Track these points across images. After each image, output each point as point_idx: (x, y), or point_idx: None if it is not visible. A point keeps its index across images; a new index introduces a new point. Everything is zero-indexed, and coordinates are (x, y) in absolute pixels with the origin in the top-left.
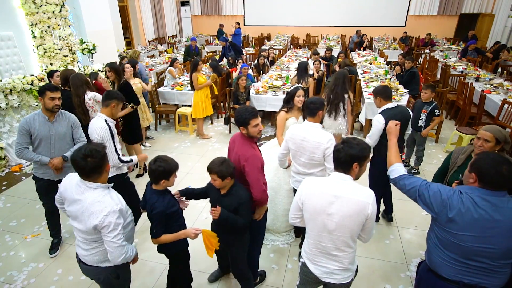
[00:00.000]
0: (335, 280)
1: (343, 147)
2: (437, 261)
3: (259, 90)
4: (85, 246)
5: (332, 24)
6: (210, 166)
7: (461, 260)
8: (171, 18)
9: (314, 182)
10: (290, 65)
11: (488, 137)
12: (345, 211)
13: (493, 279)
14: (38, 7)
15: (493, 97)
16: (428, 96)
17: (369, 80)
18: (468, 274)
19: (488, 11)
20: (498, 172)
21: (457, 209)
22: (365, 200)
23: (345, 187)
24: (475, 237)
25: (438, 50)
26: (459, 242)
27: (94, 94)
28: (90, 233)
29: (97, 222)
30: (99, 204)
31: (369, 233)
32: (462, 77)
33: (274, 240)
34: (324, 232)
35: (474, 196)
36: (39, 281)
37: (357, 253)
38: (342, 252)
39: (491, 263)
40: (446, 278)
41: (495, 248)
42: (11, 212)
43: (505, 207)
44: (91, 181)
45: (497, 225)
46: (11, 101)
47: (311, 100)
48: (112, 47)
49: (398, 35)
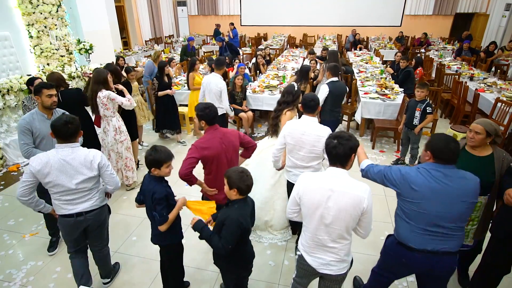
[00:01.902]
0: (331, 271)
1: (340, 142)
2: (405, 234)
3: (255, 90)
4: (89, 196)
5: (329, 24)
6: (226, 170)
7: (424, 228)
8: (167, 18)
9: (311, 177)
10: (286, 65)
11: (479, 129)
12: (341, 205)
13: (451, 243)
14: (34, 7)
15: (487, 95)
16: (423, 95)
17: (364, 79)
18: (432, 241)
19: (483, 11)
20: (447, 148)
21: (415, 180)
22: (361, 194)
23: (341, 182)
24: (433, 204)
25: (434, 49)
26: (420, 210)
27: (108, 93)
28: (93, 179)
29: (100, 160)
30: (91, 152)
31: (367, 228)
32: (456, 76)
33: (271, 238)
34: (321, 225)
35: (429, 169)
36: (38, 279)
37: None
38: (338, 244)
39: (448, 227)
40: (413, 248)
41: (451, 212)
42: (9, 212)
43: (454, 176)
44: (71, 142)
45: (449, 191)
46: (8, 101)
47: (311, 98)
48: (109, 47)
49: (394, 34)
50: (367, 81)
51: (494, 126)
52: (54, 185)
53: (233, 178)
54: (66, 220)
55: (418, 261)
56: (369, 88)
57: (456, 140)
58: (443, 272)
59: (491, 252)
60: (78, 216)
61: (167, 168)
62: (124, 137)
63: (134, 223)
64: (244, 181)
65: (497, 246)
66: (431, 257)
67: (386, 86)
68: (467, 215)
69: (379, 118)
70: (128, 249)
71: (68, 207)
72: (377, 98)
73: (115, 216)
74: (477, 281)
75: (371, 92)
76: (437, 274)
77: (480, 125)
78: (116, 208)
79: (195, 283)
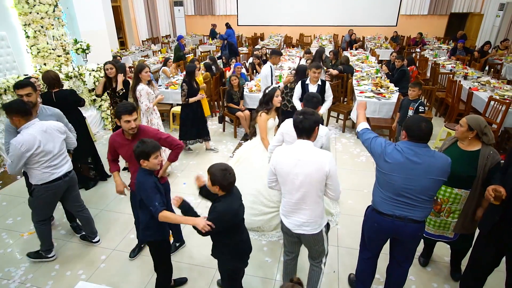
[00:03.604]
0: (305, 231)
1: (305, 117)
2: (377, 200)
3: (252, 89)
4: (66, 158)
5: (325, 24)
6: (211, 165)
7: (393, 197)
8: (164, 18)
9: (282, 150)
10: (283, 64)
11: (462, 122)
12: (307, 171)
13: (417, 213)
14: (31, 7)
15: (480, 94)
16: (415, 94)
17: (360, 78)
18: (398, 208)
19: (477, 10)
20: (419, 127)
21: (390, 154)
22: (321, 160)
23: (307, 151)
24: (401, 177)
25: (429, 49)
26: (389, 181)
27: (142, 87)
28: (63, 142)
29: (66, 121)
30: (51, 119)
31: (335, 191)
32: (451, 75)
33: (271, 236)
34: (293, 190)
35: (402, 146)
36: (36, 277)
37: (345, 244)
38: (309, 206)
39: (414, 198)
40: (384, 213)
41: (416, 186)
42: (7, 211)
43: (423, 154)
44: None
45: (416, 167)
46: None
47: (313, 94)
48: (106, 47)
49: (390, 34)
50: (362, 80)
51: (479, 123)
52: (46, 153)
53: (216, 176)
54: (56, 184)
55: (387, 225)
56: (364, 87)
57: (428, 121)
58: (408, 237)
59: (477, 247)
60: (65, 177)
61: (156, 159)
62: None
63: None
64: (227, 179)
65: (482, 241)
66: (397, 222)
67: (381, 85)
68: (432, 190)
69: (375, 117)
70: (126, 247)
71: (56, 171)
72: (372, 97)
73: (114, 214)
74: (467, 275)
75: (367, 91)
76: (404, 239)
77: (466, 118)
78: (114, 205)
79: (192, 279)
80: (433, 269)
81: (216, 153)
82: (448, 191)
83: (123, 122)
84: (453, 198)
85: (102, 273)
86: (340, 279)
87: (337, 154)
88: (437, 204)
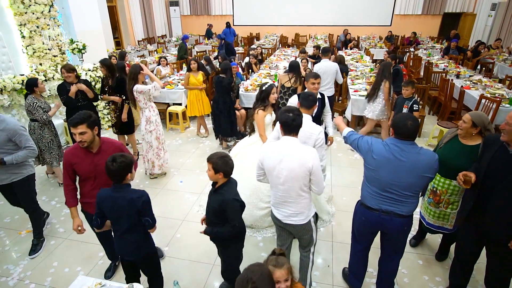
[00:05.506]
0: (292, 221)
1: (296, 114)
2: (365, 195)
3: (248, 88)
4: None
5: (320, 23)
6: (210, 155)
7: (379, 192)
8: (160, 18)
9: (269, 146)
10: (278, 64)
11: (466, 118)
12: (290, 166)
13: (403, 208)
14: (26, 7)
15: (472, 92)
16: (409, 93)
17: (355, 77)
18: (384, 203)
19: (470, 10)
20: (405, 125)
21: (377, 150)
22: (306, 157)
23: (292, 148)
24: (387, 172)
25: (422, 48)
26: (376, 176)
27: (137, 87)
28: None
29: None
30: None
31: (319, 186)
32: (443, 74)
33: (266, 232)
34: (278, 184)
35: (389, 143)
36: (35, 274)
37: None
38: (295, 199)
39: (399, 194)
40: (371, 207)
41: (401, 182)
42: (5, 210)
43: (410, 152)
44: None
45: (402, 164)
46: (2, 100)
47: (309, 93)
48: (102, 47)
49: (384, 34)
50: (357, 79)
51: (482, 119)
52: None
53: (217, 164)
54: None
55: (374, 219)
56: (359, 86)
57: (415, 119)
58: (394, 231)
59: (460, 233)
60: None
61: (135, 170)
62: (153, 127)
63: None
64: (229, 164)
65: (463, 228)
66: (383, 217)
67: None
68: (418, 186)
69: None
70: None
71: None
72: (366, 95)
73: None
74: (454, 265)
75: (361, 90)
76: (391, 232)
77: (469, 115)
78: None
79: (189, 276)
80: (424, 262)
81: (211, 150)
82: (447, 183)
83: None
84: (452, 189)
85: (100, 269)
86: (334, 273)
87: (332, 152)
88: (436, 195)
